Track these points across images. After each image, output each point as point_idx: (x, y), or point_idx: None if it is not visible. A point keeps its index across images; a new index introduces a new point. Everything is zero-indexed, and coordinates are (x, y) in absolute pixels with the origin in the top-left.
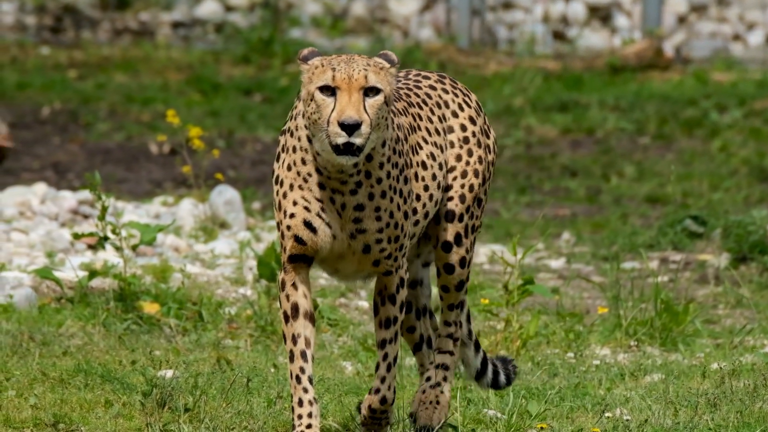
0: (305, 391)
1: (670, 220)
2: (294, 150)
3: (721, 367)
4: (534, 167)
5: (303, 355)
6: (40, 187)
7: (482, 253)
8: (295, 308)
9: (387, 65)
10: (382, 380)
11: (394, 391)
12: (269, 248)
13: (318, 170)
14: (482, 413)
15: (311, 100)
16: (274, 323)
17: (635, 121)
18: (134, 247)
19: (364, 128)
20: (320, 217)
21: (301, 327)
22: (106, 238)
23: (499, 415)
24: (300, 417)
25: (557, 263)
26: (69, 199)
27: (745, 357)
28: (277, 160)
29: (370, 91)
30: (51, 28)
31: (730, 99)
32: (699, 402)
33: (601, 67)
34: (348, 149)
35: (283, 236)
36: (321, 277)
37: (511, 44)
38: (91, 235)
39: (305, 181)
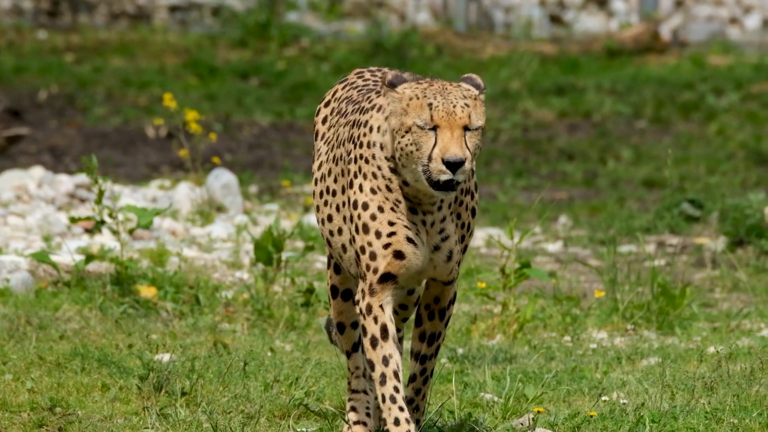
0: (401, 410)
1: (667, 204)
2: (375, 177)
3: (717, 351)
4: (531, 151)
5: (396, 375)
6: (37, 171)
7: (479, 236)
8: (384, 330)
9: (478, 94)
10: (417, 392)
11: (425, 406)
12: (266, 232)
13: (406, 197)
14: (479, 397)
15: (406, 132)
16: (270, 307)
17: (632, 104)
18: (131, 231)
19: (467, 165)
20: (418, 235)
21: (391, 348)
22: (102, 222)
23: (495, 398)
24: None
25: (554, 247)
26: (66, 182)
27: (742, 340)
28: (351, 186)
29: (470, 128)
30: (48, 12)
31: (727, 82)
32: (696, 385)
33: (598, 51)
34: (447, 185)
35: (372, 257)
36: (318, 261)
37: (507, 28)
38: (87, 219)
39: (396, 205)
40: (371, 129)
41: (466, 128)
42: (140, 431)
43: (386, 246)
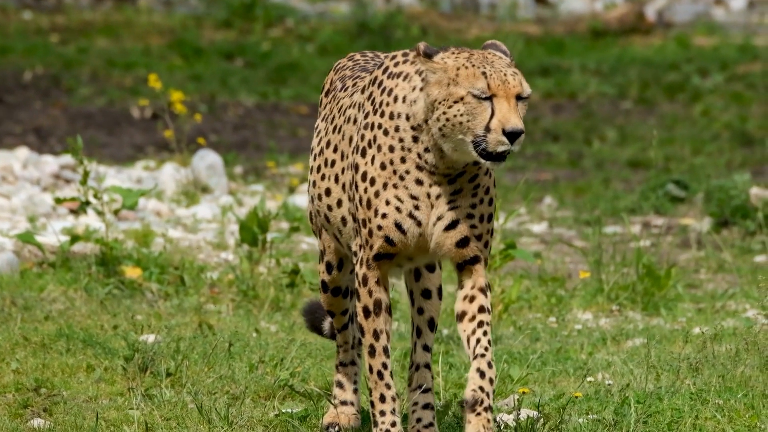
0: (388, 387)
1: (652, 185)
2: (391, 149)
3: (702, 332)
4: None
5: (385, 350)
6: (22, 152)
7: None
8: (378, 304)
9: (510, 61)
10: (489, 394)
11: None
12: (251, 213)
13: (419, 167)
14: (464, 378)
15: (455, 103)
16: (255, 288)
17: (617, 85)
18: (116, 212)
19: (522, 136)
20: (411, 216)
21: (383, 323)
22: (87, 203)
23: None
24: (383, 413)
25: (539, 228)
26: (51, 163)
27: (727, 321)
28: (362, 155)
29: (520, 98)
30: None
31: (711, 63)
32: (681, 366)
33: (582, 32)
34: (501, 156)
35: (370, 234)
36: (303, 242)
37: (492, 9)
38: (73, 199)
39: (401, 179)
40: (396, 98)
41: (518, 97)
42: (125, 412)
43: (379, 227)
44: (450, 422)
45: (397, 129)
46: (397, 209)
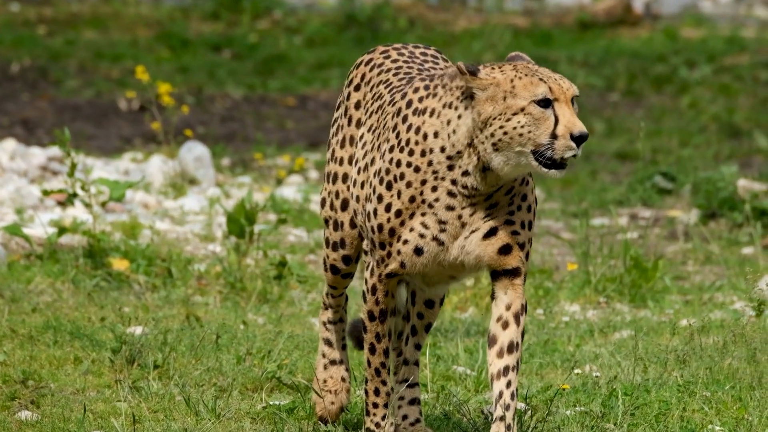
0: (383, 383)
1: (640, 177)
2: (423, 183)
3: (690, 324)
4: None
5: (385, 352)
6: (10, 144)
7: None
8: (384, 313)
9: None
10: (507, 408)
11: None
12: (239, 205)
13: (451, 193)
14: (452, 370)
15: (514, 115)
16: (243, 280)
17: (605, 77)
18: (103, 204)
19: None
20: (435, 239)
21: (386, 327)
22: (75, 195)
23: (468, 371)
24: (376, 405)
25: None
26: (38, 155)
27: (715, 313)
28: (388, 188)
29: (572, 101)
30: None
31: (699, 55)
32: (668, 358)
33: (570, 24)
34: (564, 163)
35: (388, 255)
36: (290, 234)
37: (480, 1)
38: (60, 191)
39: (430, 207)
40: (426, 136)
41: (571, 101)
42: (113, 404)
43: (398, 252)
44: (438, 416)
45: (430, 163)
46: (421, 236)
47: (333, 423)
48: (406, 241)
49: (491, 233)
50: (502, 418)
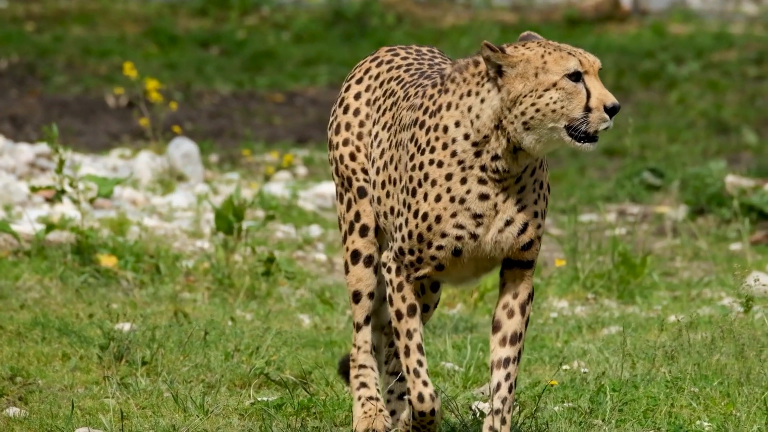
0: (425, 384)
1: (628, 173)
2: (449, 177)
3: (678, 320)
4: None
5: (419, 348)
6: None
7: None
8: (413, 308)
9: None
10: (503, 401)
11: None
12: (227, 201)
13: (482, 181)
14: (440, 366)
15: (546, 91)
16: (231, 276)
17: None
18: (91, 200)
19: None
20: (473, 236)
21: (416, 323)
22: (63, 191)
23: (456, 367)
24: (422, 414)
25: None
26: (26, 152)
27: (703, 309)
28: (413, 195)
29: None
30: None
31: (687, 51)
32: (656, 354)
33: (558, 20)
34: (596, 137)
35: (419, 261)
36: (278, 230)
37: None
38: (48, 188)
39: (461, 202)
40: (446, 129)
41: None
42: (101, 400)
43: (432, 258)
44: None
45: (454, 154)
46: (458, 238)
47: None
48: (440, 247)
49: (524, 229)
50: (498, 411)
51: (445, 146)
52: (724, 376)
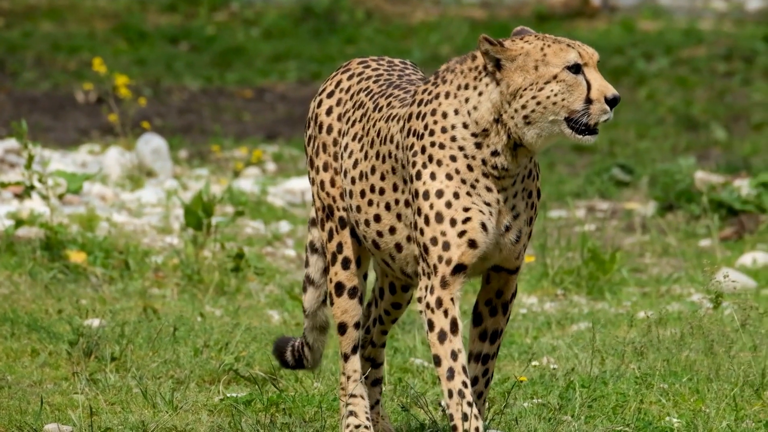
0: (470, 405)
1: (597, 169)
2: (453, 159)
3: (647, 316)
4: None
5: (464, 370)
6: None
7: None
8: (454, 324)
9: None
10: (479, 395)
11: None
12: (196, 197)
13: (485, 174)
14: (409, 362)
15: (546, 83)
16: (200, 272)
17: None
18: (61, 196)
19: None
20: (492, 216)
21: (460, 343)
22: (32, 187)
23: (425, 363)
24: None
25: None
26: None
27: (672, 305)
28: (418, 178)
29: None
30: None
31: (656, 47)
32: (626, 350)
33: (527, 16)
34: (596, 129)
35: (446, 247)
36: (248, 226)
37: None
38: (17, 183)
39: (473, 187)
40: (445, 114)
41: None
42: (70, 396)
43: (461, 234)
44: (395, 408)
45: (453, 139)
46: (480, 212)
47: None
48: (467, 219)
49: (518, 238)
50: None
51: (444, 130)
52: (694, 373)
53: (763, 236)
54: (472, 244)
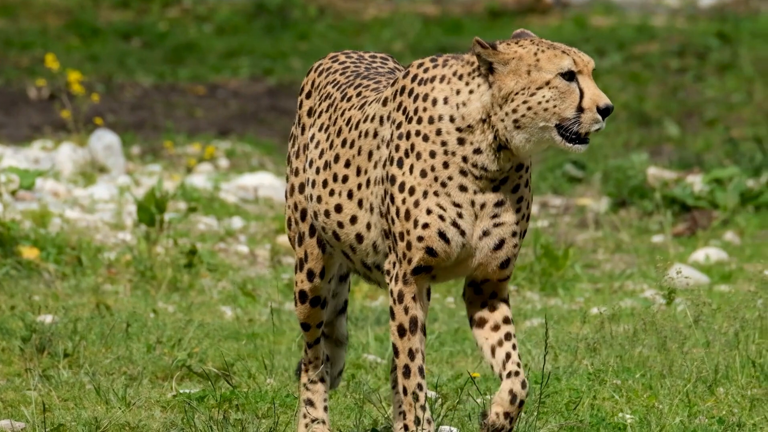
0: (423, 409)
1: (550, 165)
2: (432, 155)
3: (600, 312)
4: None
5: (420, 371)
6: None
7: None
8: (414, 322)
9: None
10: (517, 367)
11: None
12: (149, 193)
13: (463, 172)
14: (362, 358)
15: (539, 89)
16: (153, 268)
17: None
18: (13, 192)
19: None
20: (455, 224)
21: (419, 342)
22: None
23: (379, 359)
24: None
25: None
26: None
27: (625, 301)
28: (399, 166)
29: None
30: None
31: (609, 44)
32: (579, 347)
33: (480, 12)
34: (587, 138)
35: (409, 247)
36: (201, 222)
37: None
38: None
39: (443, 185)
40: (435, 102)
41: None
42: (23, 393)
43: (419, 239)
44: (348, 404)
45: (438, 132)
46: (440, 218)
47: None
48: (426, 225)
49: (500, 246)
50: (517, 374)
51: (431, 120)
52: (647, 369)
53: (716, 232)
54: (429, 251)
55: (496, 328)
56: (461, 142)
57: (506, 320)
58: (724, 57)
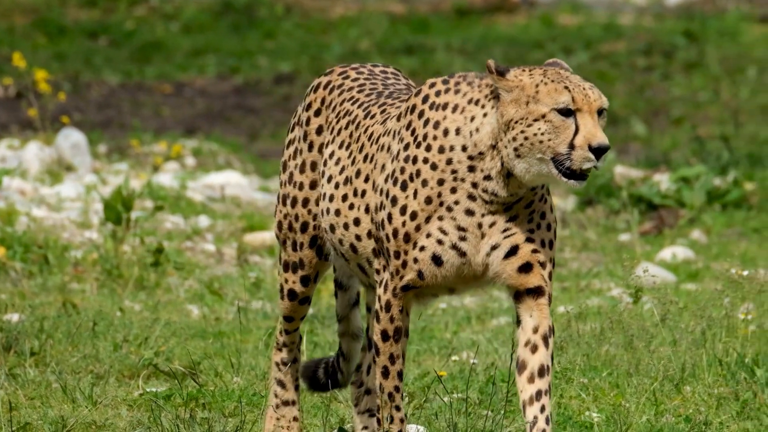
0: (397, 409)
1: None
2: (440, 183)
3: (567, 311)
4: None
5: (399, 374)
6: None
7: None
8: (398, 331)
9: None
10: None
11: None
12: (115, 191)
13: (471, 197)
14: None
15: (535, 121)
16: (119, 267)
17: (482, 64)
18: None
19: (608, 152)
20: (455, 247)
21: (400, 348)
22: None
23: None
24: None
25: None
26: None
27: (592, 300)
28: (402, 189)
29: (600, 112)
30: None
31: (576, 42)
32: None
33: (447, 11)
34: (584, 174)
35: (404, 265)
36: (167, 221)
37: None
38: None
39: (449, 210)
40: (446, 132)
41: (598, 112)
42: None
43: (415, 261)
44: (315, 402)
45: (449, 162)
46: (439, 242)
47: None
48: (423, 248)
49: (512, 252)
50: None
51: (441, 150)
52: (613, 367)
53: (683, 231)
54: (420, 275)
55: (531, 379)
56: (472, 169)
57: (541, 371)
58: (691, 55)
